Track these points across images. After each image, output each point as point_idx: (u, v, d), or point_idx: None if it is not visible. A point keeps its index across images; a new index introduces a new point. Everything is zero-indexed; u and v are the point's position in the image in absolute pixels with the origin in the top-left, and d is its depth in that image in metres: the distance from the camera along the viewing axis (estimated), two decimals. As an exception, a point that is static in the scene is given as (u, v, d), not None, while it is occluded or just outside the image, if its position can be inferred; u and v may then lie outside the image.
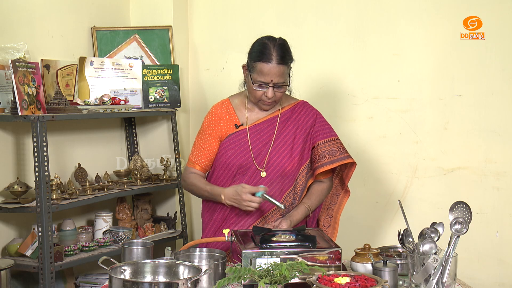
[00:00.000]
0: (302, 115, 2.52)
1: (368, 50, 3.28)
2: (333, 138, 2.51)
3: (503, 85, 3.01)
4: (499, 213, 3.04)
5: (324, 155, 2.47)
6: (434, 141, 3.17)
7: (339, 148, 2.49)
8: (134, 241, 2.26)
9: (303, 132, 2.49)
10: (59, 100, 2.98)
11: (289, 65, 2.40)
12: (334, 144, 2.50)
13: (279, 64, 2.34)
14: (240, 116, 2.51)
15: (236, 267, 1.82)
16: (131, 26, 3.65)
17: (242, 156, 2.45)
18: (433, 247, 1.87)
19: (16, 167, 3.02)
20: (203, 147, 2.52)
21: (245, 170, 2.44)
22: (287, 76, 2.40)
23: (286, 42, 2.45)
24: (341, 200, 2.63)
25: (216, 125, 2.51)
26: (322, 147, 2.48)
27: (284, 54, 2.37)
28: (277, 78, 2.35)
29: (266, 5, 3.54)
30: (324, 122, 2.55)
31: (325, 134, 2.51)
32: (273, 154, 2.45)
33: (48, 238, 2.74)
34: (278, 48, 2.38)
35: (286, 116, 2.51)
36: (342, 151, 2.49)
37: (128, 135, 3.66)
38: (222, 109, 2.54)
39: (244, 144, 2.46)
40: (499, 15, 3.00)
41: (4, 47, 2.86)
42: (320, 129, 2.51)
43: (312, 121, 2.51)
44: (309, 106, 2.57)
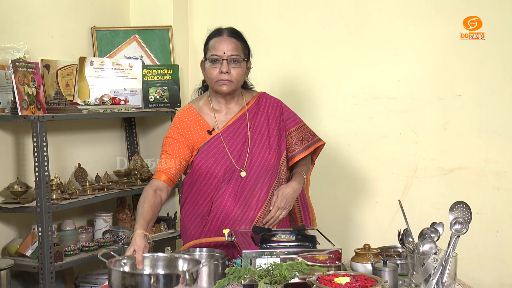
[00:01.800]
0: (268, 106, 2.53)
1: (368, 50, 3.28)
2: (302, 124, 2.57)
3: (503, 85, 3.01)
4: (499, 213, 3.04)
5: (299, 142, 2.52)
6: (434, 141, 3.16)
7: (310, 133, 2.56)
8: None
9: (274, 123, 2.50)
10: (59, 100, 2.98)
11: (242, 45, 2.42)
12: (304, 129, 2.56)
13: (230, 36, 2.40)
14: (208, 120, 2.45)
15: (236, 267, 1.82)
16: (131, 26, 3.65)
17: (223, 162, 2.39)
18: (433, 247, 1.87)
19: (16, 167, 3.02)
20: (170, 154, 2.39)
21: (230, 174, 2.39)
22: (242, 53, 2.40)
23: None
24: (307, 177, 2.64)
25: (185, 131, 2.42)
26: (295, 134, 2.53)
27: (235, 31, 2.44)
28: (230, 51, 2.36)
29: (266, 5, 3.54)
30: (289, 110, 2.59)
31: (295, 121, 2.56)
32: (253, 152, 2.43)
33: (48, 238, 2.74)
34: (230, 28, 2.45)
35: (254, 110, 2.50)
36: (313, 135, 2.57)
37: (128, 135, 3.66)
38: (189, 116, 2.46)
39: (221, 149, 2.40)
40: (499, 15, 3.00)
41: (4, 47, 2.86)
42: (289, 116, 2.55)
43: (279, 110, 2.53)
44: (269, 96, 2.58)
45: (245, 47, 2.44)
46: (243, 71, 2.42)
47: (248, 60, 2.47)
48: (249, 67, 2.48)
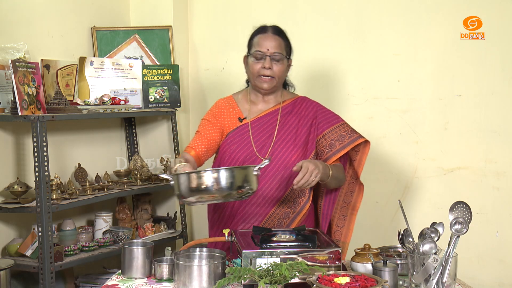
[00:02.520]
0: (303, 108, 2.55)
1: (368, 50, 3.29)
2: (339, 124, 2.53)
3: (503, 85, 3.01)
4: (499, 213, 3.04)
5: (334, 143, 2.49)
6: (434, 141, 3.17)
7: (347, 132, 2.50)
8: (134, 241, 2.26)
9: (305, 124, 2.51)
10: (59, 100, 2.98)
11: (285, 43, 2.48)
12: (341, 129, 2.51)
13: (274, 34, 2.46)
14: (243, 110, 2.56)
15: (236, 266, 1.82)
16: (131, 26, 3.65)
17: (245, 150, 2.47)
18: (433, 247, 1.87)
19: (16, 167, 3.02)
20: (202, 133, 2.54)
21: (250, 163, 2.45)
22: (284, 51, 2.46)
23: None
24: (356, 198, 2.59)
25: (220, 116, 2.56)
26: (330, 136, 2.50)
27: (279, 29, 2.50)
28: (273, 48, 2.43)
29: (266, 5, 3.54)
30: (327, 111, 2.57)
31: (330, 123, 2.53)
32: (276, 146, 2.47)
33: (48, 238, 2.74)
34: (274, 26, 2.51)
35: (288, 109, 2.54)
36: (351, 134, 2.50)
37: (128, 135, 3.66)
38: (226, 103, 2.60)
39: (246, 137, 2.50)
40: (499, 15, 3.00)
41: (4, 47, 2.86)
42: (323, 119, 2.53)
43: (314, 112, 2.54)
44: (309, 100, 2.60)
45: (287, 45, 2.49)
46: (284, 67, 2.49)
47: (289, 58, 2.52)
48: (289, 65, 2.53)
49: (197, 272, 1.97)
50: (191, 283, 1.96)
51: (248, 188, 2.09)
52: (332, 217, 2.58)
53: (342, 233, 2.53)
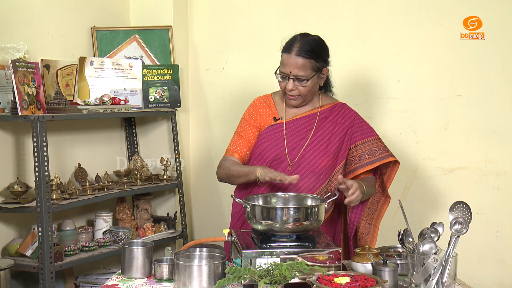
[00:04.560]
0: (340, 115, 2.52)
1: (368, 50, 3.28)
2: (373, 138, 2.51)
3: (503, 85, 3.01)
4: (499, 213, 3.04)
5: (364, 156, 2.47)
6: (434, 141, 3.17)
7: (379, 148, 2.49)
8: (134, 241, 2.26)
9: (339, 131, 2.49)
10: (59, 100, 2.98)
11: (313, 61, 2.37)
12: (374, 144, 2.49)
13: (297, 55, 2.36)
14: (279, 110, 2.55)
15: (236, 266, 1.82)
16: (131, 26, 3.65)
17: (276, 149, 2.46)
18: (433, 247, 1.87)
19: (16, 167, 3.02)
20: (242, 135, 2.54)
21: (279, 163, 2.45)
22: (310, 71, 2.38)
23: (320, 39, 2.46)
24: (381, 207, 2.58)
25: (256, 115, 2.55)
26: (361, 148, 2.48)
27: (306, 47, 2.37)
28: (295, 70, 2.37)
29: (266, 5, 3.54)
30: (363, 123, 2.54)
31: (364, 135, 2.50)
32: (307, 149, 2.46)
33: (48, 238, 2.74)
34: (303, 42, 2.39)
35: (325, 114, 2.51)
36: (383, 150, 2.49)
37: (128, 135, 3.66)
38: (263, 102, 2.58)
39: (280, 137, 2.48)
40: (499, 15, 3.00)
41: (4, 47, 2.86)
42: (358, 129, 2.50)
43: (350, 121, 2.51)
44: (348, 107, 2.57)
45: (316, 61, 2.39)
46: (312, 85, 2.42)
47: (320, 71, 2.43)
48: (324, 75, 2.46)
49: (197, 272, 1.97)
50: (191, 283, 1.96)
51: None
52: (358, 225, 2.55)
53: (367, 240, 2.52)
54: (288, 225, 2.04)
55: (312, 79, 2.40)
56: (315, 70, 2.39)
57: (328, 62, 2.46)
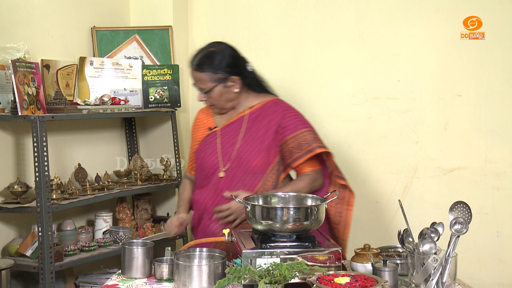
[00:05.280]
0: (270, 112, 2.52)
1: (368, 50, 3.28)
2: (303, 131, 2.47)
3: (503, 85, 3.01)
4: (499, 213, 3.04)
5: (293, 151, 2.46)
6: (434, 141, 3.16)
7: (306, 141, 2.45)
8: (134, 241, 2.26)
9: (270, 128, 2.49)
10: (59, 100, 2.98)
11: (209, 73, 2.44)
12: (302, 137, 2.46)
13: (194, 70, 2.48)
14: (215, 118, 2.62)
15: (236, 266, 1.82)
16: (131, 26, 3.65)
17: (211, 157, 2.53)
18: (433, 247, 1.87)
19: (16, 167, 3.02)
20: (191, 151, 2.69)
21: (214, 170, 2.51)
22: (209, 83, 2.46)
23: (218, 51, 2.48)
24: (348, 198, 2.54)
25: (197, 129, 2.67)
26: (290, 143, 2.46)
27: (200, 62, 2.46)
28: (197, 83, 2.50)
29: (266, 5, 3.54)
30: (292, 117, 2.51)
31: (293, 129, 2.47)
32: (239, 152, 2.49)
33: (48, 238, 2.74)
34: (199, 56, 2.48)
35: (255, 114, 2.53)
36: (310, 143, 2.44)
37: (128, 135, 3.66)
38: (203, 113, 2.69)
39: (213, 145, 2.55)
40: (499, 15, 3.00)
41: (4, 47, 2.86)
42: (288, 124, 2.48)
43: (280, 117, 2.50)
44: (279, 103, 2.56)
45: (214, 73, 2.45)
46: (219, 95, 2.48)
47: (225, 81, 2.46)
48: (234, 82, 2.49)
49: (197, 272, 1.97)
50: (191, 283, 1.96)
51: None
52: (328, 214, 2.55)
53: (339, 231, 2.53)
54: (288, 225, 2.04)
55: (216, 90, 2.46)
56: (215, 81, 2.45)
57: (236, 70, 2.48)
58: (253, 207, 2.09)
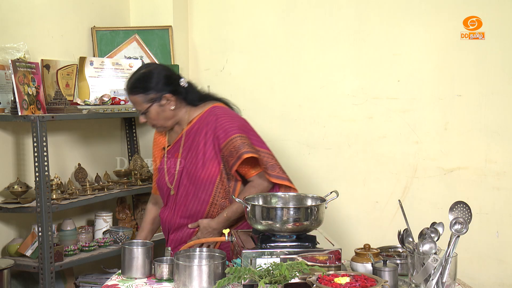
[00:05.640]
0: (205, 124, 2.53)
1: (368, 50, 3.28)
2: (232, 138, 2.46)
3: (503, 85, 3.00)
4: (499, 213, 3.04)
5: (228, 159, 2.46)
6: (434, 141, 3.16)
7: (235, 147, 2.44)
8: (134, 241, 2.26)
9: (208, 140, 2.51)
10: (59, 100, 2.98)
11: (141, 95, 2.48)
12: (232, 144, 2.45)
13: (128, 94, 2.53)
14: (168, 137, 2.66)
15: (236, 266, 1.82)
16: (131, 26, 3.65)
17: (163, 177, 2.60)
18: (433, 247, 1.87)
19: (16, 167, 3.02)
20: (154, 172, 2.72)
21: (166, 190, 2.59)
22: (143, 104, 2.48)
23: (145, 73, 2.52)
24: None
25: (155, 150, 2.72)
26: (225, 151, 2.47)
27: (134, 85, 2.50)
28: (135, 106, 2.55)
29: (266, 5, 3.54)
30: (224, 124, 2.50)
31: (224, 137, 2.47)
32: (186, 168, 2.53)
33: (48, 238, 2.74)
34: (132, 80, 2.51)
35: (194, 129, 2.55)
36: (238, 149, 2.43)
37: (128, 135, 3.66)
38: (158, 133, 2.71)
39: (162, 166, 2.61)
40: (499, 15, 3.00)
41: (4, 47, 2.86)
42: (219, 133, 2.49)
43: (213, 127, 2.51)
44: (213, 112, 2.54)
45: (146, 94, 2.47)
46: (156, 114, 2.50)
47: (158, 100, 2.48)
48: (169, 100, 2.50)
49: (197, 272, 1.97)
50: (191, 283, 1.96)
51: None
52: None
53: None
54: (288, 225, 2.04)
55: (151, 110, 2.49)
56: (149, 101, 2.48)
57: (168, 88, 2.49)
58: (253, 207, 2.09)
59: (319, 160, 3.42)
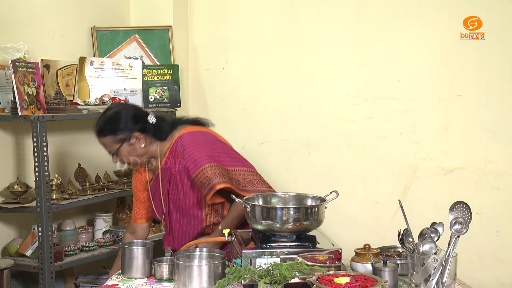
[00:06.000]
0: (177, 155, 2.54)
1: (368, 50, 3.28)
2: (202, 169, 2.46)
3: (503, 85, 3.00)
4: (499, 213, 3.04)
5: (201, 189, 2.46)
6: (434, 141, 3.16)
7: (206, 179, 2.44)
8: (134, 241, 2.26)
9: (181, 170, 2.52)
10: (59, 100, 2.98)
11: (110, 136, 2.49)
12: (203, 175, 2.45)
13: (98, 137, 2.54)
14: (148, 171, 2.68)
15: (236, 266, 1.82)
16: (131, 26, 3.65)
17: (152, 212, 2.66)
18: (433, 247, 1.87)
19: (16, 167, 3.02)
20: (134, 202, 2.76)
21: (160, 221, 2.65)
22: (113, 145, 2.50)
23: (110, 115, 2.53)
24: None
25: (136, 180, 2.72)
26: (197, 181, 2.47)
27: (101, 128, 2.51)
28: (105, 148, 2.55)
29: (266, 5, 3.54)
30: (193, 155, 2.50)
31: (194, 169, 2.47)
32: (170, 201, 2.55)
33: (48, 238, 2.74)
34: (100, 122, 2.52)
35: (168, 163, 2.57)
36: (210, 180, 2.43)
37: (128, 135, 3.66)
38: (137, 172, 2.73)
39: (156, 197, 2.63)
40: (499, 15, 2.99)
41: (4, 47, 2.86)
42: (189, 165, 2.49)
43: (183, 160, 2.52)
44: (181, 143, 2.54)
45: (114, 135, 2.49)
46: (127, 151, 2.52)
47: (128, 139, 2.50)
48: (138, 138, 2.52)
49: (197, 272, 1.97)
50: (191, 283, 1.96)
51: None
52: None
53: None
54: (288, 225, 2.04)
55: (122, 150, 2.51)
56: (118, 142, 2.50)
57: (136, 126, 2.51)
58: (253, 207, 2.09)
59: (319, 160, 3.42)
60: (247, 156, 2.73)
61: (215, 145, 2.58)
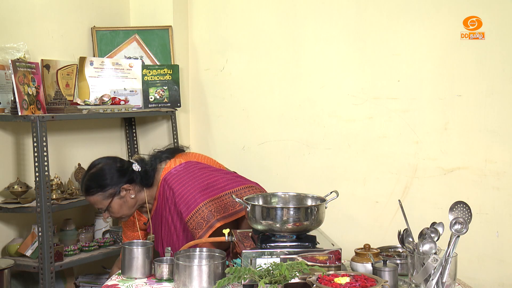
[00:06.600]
0: (165, 200, 2.53)
1: (368, 50, 3.28)
2: (197, 209, 2.45)
3: (503, 85, 3.00)
4: (499, 213, 3.04)
5: (194, 231, 2.44)
6: (434, 141, 3.16)
7: (204, 218, 2.43)
8: (134, 241, 2.26)
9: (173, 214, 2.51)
10: (59, 100, 2.98)
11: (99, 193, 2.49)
12: (199, 215, 2.44)
13: (86, 196, 2.54)
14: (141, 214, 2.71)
15: (236, 266, 1.82)
16: (131, 26, 3.65)
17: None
18: (433, 247, 1.87)
19: (16, 167, 3.02)
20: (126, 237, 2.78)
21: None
22: (103, 201, 2.50)
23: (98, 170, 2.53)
24: None
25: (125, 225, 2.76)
26: (190, 224, 2.45)
27: (88, 186, 2.51)
28: (96, 205, 2.55)
29: (266, 5, 3.54)
30: (183, 197, 2.49)
31: (186, 212, 2.46)
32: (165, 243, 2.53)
33: (48, 238, 2.74)
34: (85, 181, 2.53)
35: (158, 210, 2.57)
36: (208, 219, 2.42)
37: (128, 135, 3.66)
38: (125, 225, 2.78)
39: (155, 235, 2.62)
40: (499, 15, 2.99)
41: (4, 47, 2.86)
42: (181, 208, 2.47)
43: (174, 204, 2.50)
44: (168, 186, 2.53)
45: (103, 191, 2.49)
46: (119, 204, 2.52)
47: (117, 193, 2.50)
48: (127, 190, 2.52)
49: (197, 272, 1.97)
50: (191, 283, 1.96)
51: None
52: None
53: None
54: (288, 225, 2.04)
55: (113, 205, 2.51)
56: (108, 198, 2.50)
57: (123, 179, 2.51)
58: (253, 207, 2.09)
59: (319, 160, 3.42)
60: (247, 156, 2.74)
61: (202, 174, 2.55)
